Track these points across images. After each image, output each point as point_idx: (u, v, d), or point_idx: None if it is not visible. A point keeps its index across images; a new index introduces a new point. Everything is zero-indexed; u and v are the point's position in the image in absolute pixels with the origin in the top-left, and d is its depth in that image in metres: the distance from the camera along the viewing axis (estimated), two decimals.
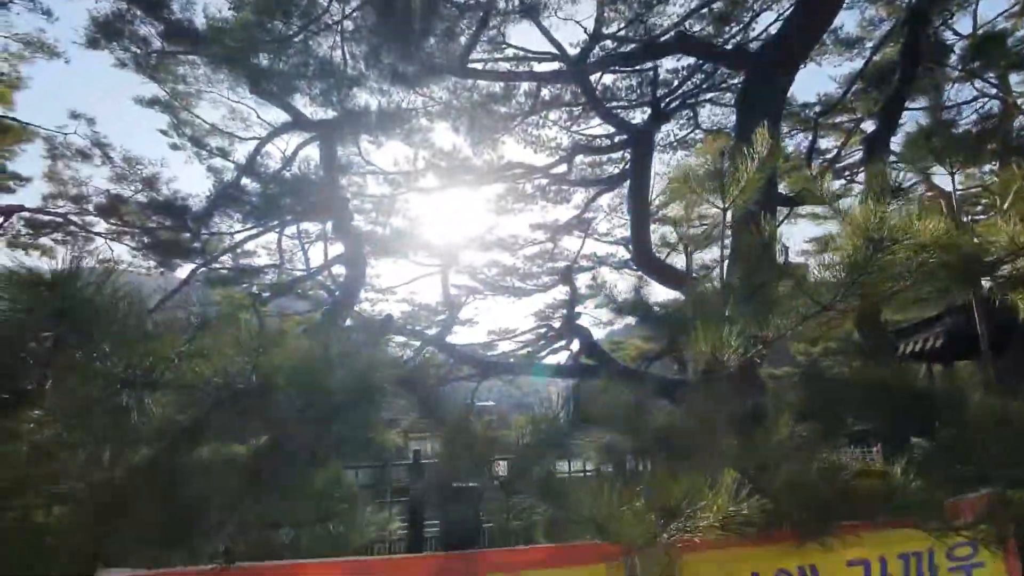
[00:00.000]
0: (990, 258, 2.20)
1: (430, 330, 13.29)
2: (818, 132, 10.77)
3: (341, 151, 10.34)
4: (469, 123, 10.37)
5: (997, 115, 9.57)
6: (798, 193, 8.41)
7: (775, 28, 8.79)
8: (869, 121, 10.54)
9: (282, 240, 11.58)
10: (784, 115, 8.96)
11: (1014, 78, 9.64)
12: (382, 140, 10.94)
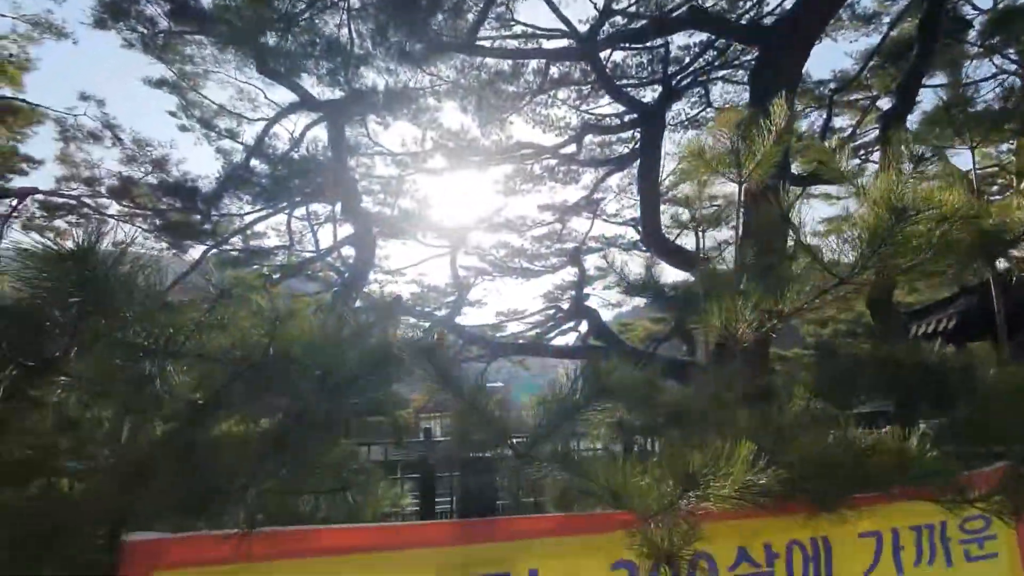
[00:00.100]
0: (1008, 236, 2.17)
1: (439, 311, 13.35)
2: (833, 110, 10.57)
3: (349, 132, 10.30)
4: (477, 102, 10.27)
5: (1017, 92, 9.32)
6: (812, 172, 8.28)
7: (790, 2, 8.57)
8: (885, 99, 10.33)
9: (291, 222, 11.62)
10: (799, 92, 8.79)
11: None
12: (390, 120, 10.87)
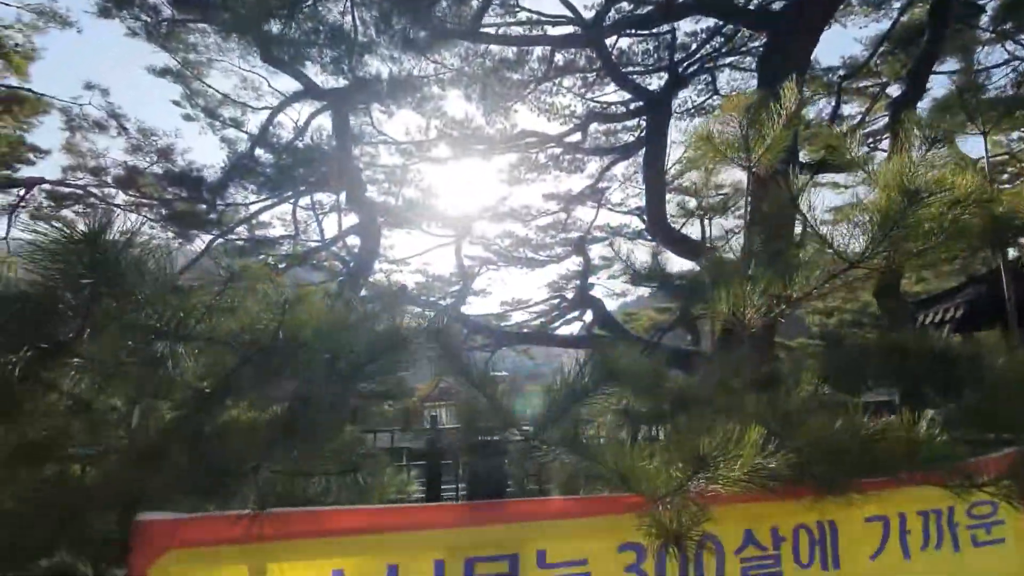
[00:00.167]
0: (1019, 223, 2.15)
1: (444, 301, 13.37)
2: (842, 97, 10.44)
3: (353, 121, 10.27)
4: (481, 90, 10.20)
5: None
6: (820, 160, 8.21)
7: None
8: (895, 86, 10.19)
9: (296, 211, 11.63)
10: (807, 79, 8.69)
11: None
12: (393, 109, 10.84)
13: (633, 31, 9.68)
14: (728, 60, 10.88)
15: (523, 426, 1.56)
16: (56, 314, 1.18)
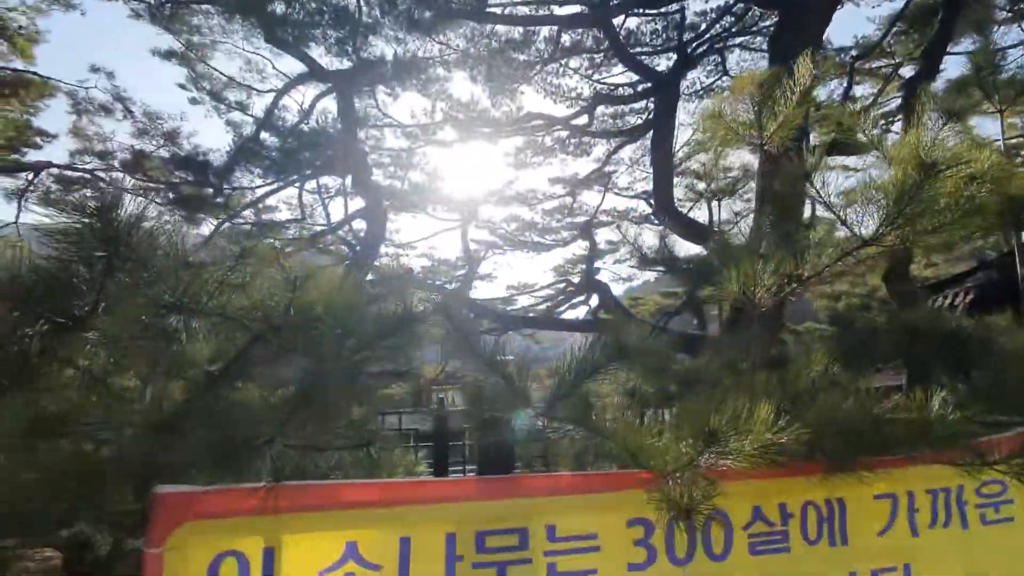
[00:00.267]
0: None
1: (450, 285, 13.39)
2: (854, 77, 10.25)
3: (358, 103, 10.20)
4: (487, 72, 10.08)
5: None
6: (831, 142, 8.09)
7: None
8: (908, 66, 9.99)
9: (303, 195, 11.62)
10: (819, 59, 8.53)
11: None
12: (399, 91, 10.73)
13: (641, 10, 9.51)
14: (738, 40, 10.69)
15: (533, 404, 1.57)
16: (71, 289, 1.19)
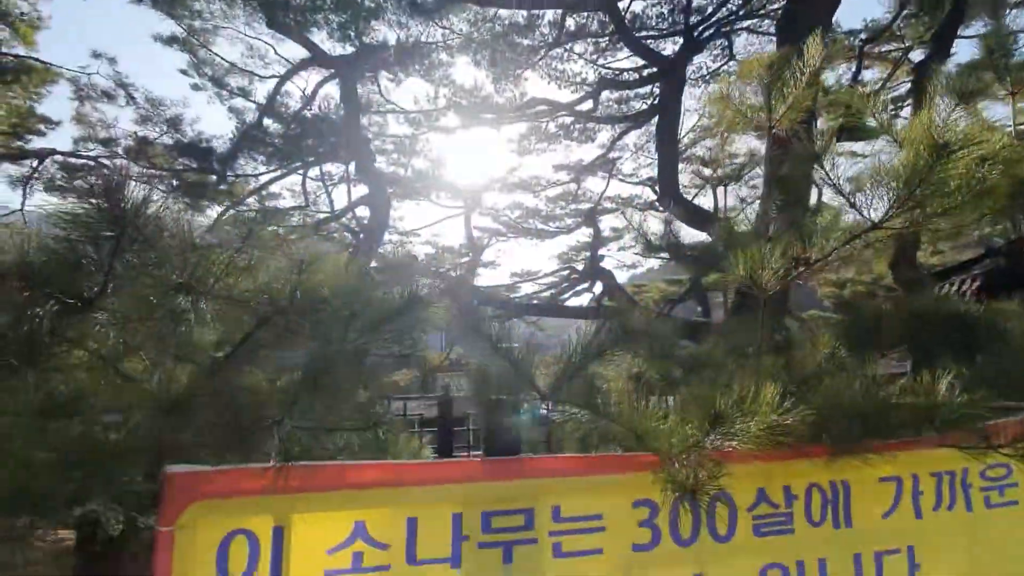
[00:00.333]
0: None
1: (454, 272, 13.39)
2: (863, 62, 10.11)
3: (361, 89, 10.13)
4: (491, 57, 9.99)
5: None
6: (839, 127, 7.99)
7: None
8: (918, 50, 9.83)
9: (306, 182, 11.60)
10: (828, 42, 8.39)
11: None
12: (401, 77, 10.65)
13: None
14: (745, 23, 10.54)
15: (539, 388, 1.57)
16: (79, 269, 1.19)
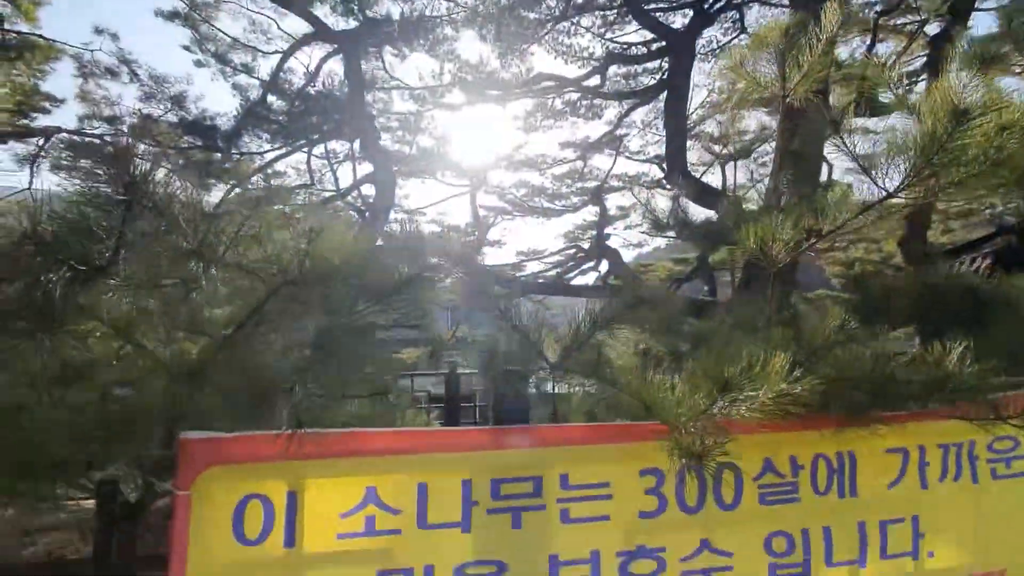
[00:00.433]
0: None
1: (462, 246, 13.37)
2: (877, 35, 9.86)
3: (365, 65, 10.00)
4: (496, 31, 9.80)
5: None
6: (854, 102, 7.83)
7: None
8: (934, 24, 9.57)
9: (311, 160, 11.55)
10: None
11: None
12: (406, 52, 10.49)
13: None
14: None
15: (547, 359, 1.58)
16: (91, 236, 1.19)
